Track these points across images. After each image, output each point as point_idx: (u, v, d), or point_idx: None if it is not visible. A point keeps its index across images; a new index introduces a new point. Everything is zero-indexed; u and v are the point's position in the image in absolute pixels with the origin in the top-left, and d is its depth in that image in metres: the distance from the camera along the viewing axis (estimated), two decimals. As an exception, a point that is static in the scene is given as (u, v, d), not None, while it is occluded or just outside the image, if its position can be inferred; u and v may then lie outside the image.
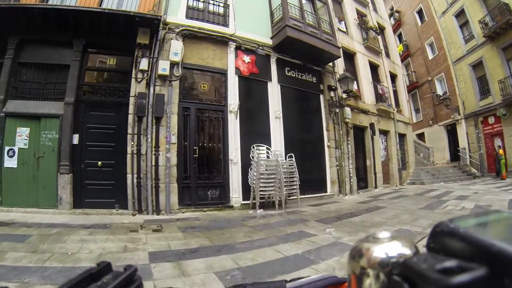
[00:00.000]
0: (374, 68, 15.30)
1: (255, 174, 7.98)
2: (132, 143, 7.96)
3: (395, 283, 0.28)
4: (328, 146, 10.94)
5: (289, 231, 5.45)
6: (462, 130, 19.90)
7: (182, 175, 8.16)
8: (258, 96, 9.72)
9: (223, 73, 9.14)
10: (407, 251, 0.32)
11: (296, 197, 8.68)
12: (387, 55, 16.99)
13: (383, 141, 14.81)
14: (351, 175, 11.59)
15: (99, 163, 8.16)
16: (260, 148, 8.79)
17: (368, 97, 13.96)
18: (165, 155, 7.97)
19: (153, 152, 8.00)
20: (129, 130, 8.02)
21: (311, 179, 9.71)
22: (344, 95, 11.41)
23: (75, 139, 8.10)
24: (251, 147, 8.53)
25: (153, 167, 7.94)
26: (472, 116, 19.15)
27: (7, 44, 8.00)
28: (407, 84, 21.71)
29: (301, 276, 0.56)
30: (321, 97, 11.40)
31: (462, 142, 19.62)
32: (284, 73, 10.34)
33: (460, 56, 19.94)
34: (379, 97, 14.48)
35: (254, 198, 8.05)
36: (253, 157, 8.34)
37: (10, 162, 7.75)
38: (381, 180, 13.73)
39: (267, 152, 8.91)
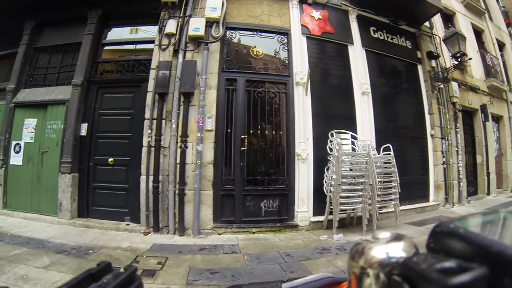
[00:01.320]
0: (478, 34, 11.12)
1: (334, 176, 4.88)
2: (150, 131, 5.40)
3: (395, 283, 0.27)
4: (431, 136, 7.38)
5: None
6: None
7: (221, 178, 5.37)
8: (335, 64, 6.51)
9: (285, 34, 6.10)
10: (407, 251, 0.31)
11: (392, 209, 5.48)
12: (490, 18, 12.67)
13: (495, 130, 10.71)
14: (460, 176, 7.90)
15: (110, 159, 5.84)
16: (342, 136, 5.58)
17: (476, 70, 9.96)
18: (195, 148, 5.18)
19: (179, 144, 5.27)
20: (147, 114, 5.49)
21: (409, 182, 6.22)
22: (453, 62, 7.80)
23: (83, 129, 6.08)
24: (329, 136, 5.42)
25: (178, 166, 5.23)
26: None
27: (23, 30, 6.85)
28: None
29: (296, 277, 0.53)
30: (420, 68, 7.80)
31: None
32: (369, 34, 6.98)
33: None
34: (489, 71, 10.45)
35: (330, 213, 5.00)
36: (331, 149, 5.23)
37: (16, 159, 6.46)
38: (494, 182, 9.73)
39: (352, 143, 5.68)
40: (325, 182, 5.26)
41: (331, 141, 5.30)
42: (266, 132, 5.60)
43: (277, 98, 5.76)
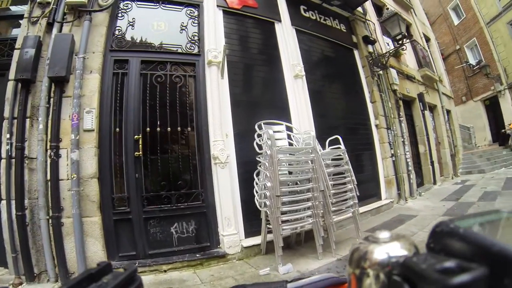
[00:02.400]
0: (406, 27, 10.72)
1: (269, 184, 3.42)
2: (9, 136, 3.52)
3: (395, 283, 0.26)
4: (376, 126, 6.33)
5: None
6: (506, 103, 15.18)
7: (111, 196, 3.66)
8: (260, 43, 5.13)
9: (196, 5, 4.59)
10: (407, 251, 0.30)
11: (345, 215, 4.13)
12: (415, 13, 12.47)
13: (431, 119, 10.21)
14: (409, 168, 6.96)
15: None
16: (275, 128, 4.09)
17: (409, 60, 9.35)
18: (70, 156, 3.52)
19: (48, 153, 3.54)
20: (6, 112, 3.64)
21: (358, 180, 4.85)
22: (389, 49, 6.99)
23: None
24: (256, 128, 3.95)
25: (49, 184, 3.47)
26: (519, 85, 14.43)
27: None
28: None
29: (301, 277, 0.51)
30: (356, 53, 6.78)
31: (508, 117, 14.92)
32: (298, 12, 5.77)
33: (495, 15, 15.38)
34: (421, 61, 9.96)
35: (270, 231, 3.56)
36: (261, 147, 3.79)
37: None
38: (438, 171, 9.13)
39: (288, 137, 4.27)
40: (256, 192, 3.78)
41: (259, 136, 3.85)
42: (169, 129, 3.95)
43: (184, 83, 4.19)
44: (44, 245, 3.36)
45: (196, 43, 4.40)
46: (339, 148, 4.15)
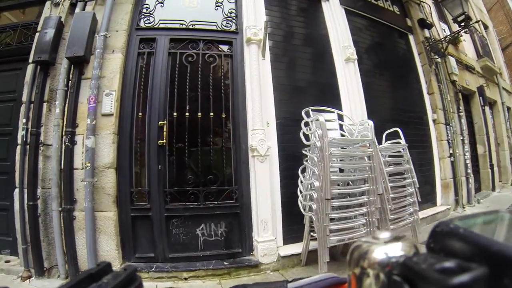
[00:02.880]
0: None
1: (317, 183, 2.75)
2: (25, 121, 3.20)
3: (395, 283, 0.26)
4: (434, 121, 5.39)
5: None
6: None
7: (129, 190, 3.16)
8: (306, 22, 4.35)
9: None
10: (407, 251, 0.29)
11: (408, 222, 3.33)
12: (471, -1, 11.09)
13: (491, 116, 8.92)
14: (468, 171, 5.96)
15: None
16: (326, 116, 3.29)
17: (468, 49, 8.15)
18: (85, 143, 3.07)
19: (64, 139, 3.12)
20: (24, 96, 3.34)
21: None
22: (447, 35, 6.01)
23: None
24: (303, 115, 3.24)
25: (62, 173, 3.05)
26: None
27: None
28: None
29: (302, 277, 0.50)
30: (411, 38, 5.82)
31: None
32: (347, -10, 4.97)
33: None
34: (480, 50, 8.69)
35: (313, 239, 2.94)
36: (308, 137, 3.10)
37: None
38: (496, 176, 7.95)
39: (340, 127, 3.53)
40: (301, 192, 3.10)
41: (306, 125, 3.16)
42: (199, 115, 3.33)
43: (218, 63, 3.57)
44: (55, 238, 3.00)
45: (233, 20, 3.78)
46: (399, 143, 3.40)
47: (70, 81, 3.23)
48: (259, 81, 3.43)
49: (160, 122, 3.22)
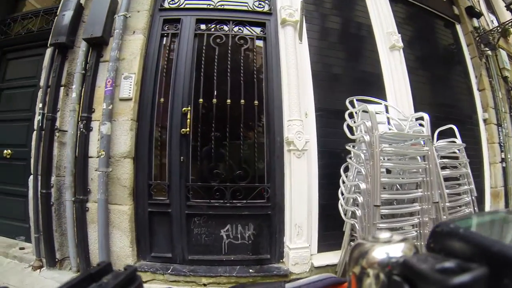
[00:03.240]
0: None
1: (363, 186, 2.29)
2: (41, 106, 2.95)
3: (395, 283, 0.25)
4: (484, 121, 4.75)
5: None
6: None
7: (147, 182, 2.80)
8: (345, 6, 3.81)
9: None
10: (407, 251, 0.28)
11: None
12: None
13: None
14: (519, 178, 5.33)
15: (6, 151, 3.53)
16: (376, 108, 2.66)
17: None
18: (100, 129, 2.74)
19: (79, 125, 2.83)
20: (42, 80, 3.09)
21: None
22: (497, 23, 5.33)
23: None
24: (347, 105, 2.73)
25: (76, 161, 2.76)
26: None
27: None
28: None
29: (300, 277, 0.50)
30: (459, 28, 5.19)
31: None
32: (388, -28, 4.43)
33: None
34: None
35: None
36: (352, 131, 2.60)
37: None
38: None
39: (388, 121, 3.03)
40: (342, 194, 2.66)
41: (351, 116, 2.69)
42: (229, 101, 2.91)
43: (250, 46, 3.13)
44: (68, 229, 2.75)
45: (266, 1, 3.35)
46: (455, 142, 2.89)
47: (88, 65, 2.95)
48: (296, 66, 2.98)
49: (184, 109, 2.84)
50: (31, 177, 2.91)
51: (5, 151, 3.53)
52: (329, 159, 3.03)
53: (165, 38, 3.11)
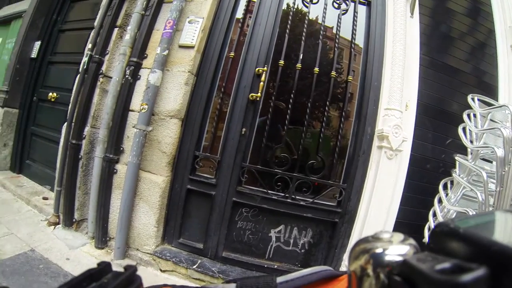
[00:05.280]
0: None
1: (472, 213, 1.55)
2: (90, 46, 2.36)
3: (395, 283, 0.23)
4: None
5: None
6: None
7: (193, 153, 2.08)
8: None
9: None
10: (407, 251, 0.25)
11: None
12: None
13: None
14: None
15: (51, 94, 3.12)
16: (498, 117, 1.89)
17: None
18: (148, 78, 2.06)
19: (126, 71, 2.19)
20: (97, 20, 2.49)
21: None
22: None
23: (35, 49, 3.53)
24: (470, 101, 1.89)
25: (114, 114, 2.13)
26: None
27: None
28: None
29: (292, 270, 0.44)
30: None
31: None
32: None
33: None
34: None
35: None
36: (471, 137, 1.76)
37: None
38: None
39: None
40: (434, 216, 1.90)
41: (472, 117, 1.87)
42: (316, 70, 2.08)
43: (349, 10, 2.27)
44: (91, 189, 2.20)
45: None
46: None
47: (149, 8, 2.30)
48: (404, 43, 2.15)
49: (258, 69, 2.08)
50: (65, 124, 2.36)
51: (50, 94, 3.12)
52: (421, 167, 2.21)
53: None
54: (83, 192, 2.29)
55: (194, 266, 1.96)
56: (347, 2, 2.28)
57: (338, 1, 2.27)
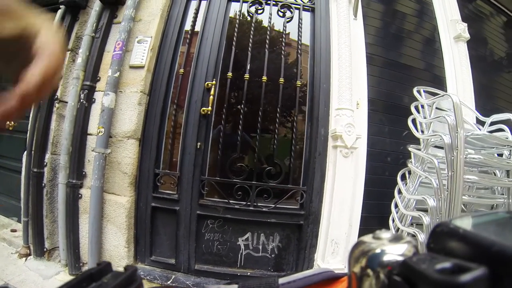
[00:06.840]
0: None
1: (431, 201, 1.60)
2: None
3: (395, 283, 0.23)
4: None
5: None
6: None
7: (153, 171, 2.11)
8: None
9: None
10: (407, 251, 0.25)
11: None
12: None
13: None
14: None
15: (9, 123, 2.18)
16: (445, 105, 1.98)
17: None
18: (102, 101, 2.09)
19: (80, 96, 2.21)
20: None
21: None
22: None
23: None
24: (415, 94, 1.96)
25: (73, 138, 2.15)
26: None
27: None
28: None
29: (294, 272, 0.42)
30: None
31: None
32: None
33: None
34: None
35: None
36: (422, 128, 1.89)
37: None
38: None
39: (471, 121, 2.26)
40: (396, 208, 1.98)
41: (420, 108, 1.98)
42: (264, 79, 2.14)
43: (295, 17, 2.37)
44: (59, 216, 2.19)
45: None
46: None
47: (99, 30, 2.33)
48: (349, 45, 2.23)
49: (207, 83, 2.14)
50: (25, 153, 2.36)
51: (7, 122, 3.02)
52: (380, 160, 2.29)
53: (193, 1, 2.43)
54: (50, 220, 2.27)
55: (169, 282, 1.99)
56: (291, 9, 2.35)
57: (282, 10, 2.34)
